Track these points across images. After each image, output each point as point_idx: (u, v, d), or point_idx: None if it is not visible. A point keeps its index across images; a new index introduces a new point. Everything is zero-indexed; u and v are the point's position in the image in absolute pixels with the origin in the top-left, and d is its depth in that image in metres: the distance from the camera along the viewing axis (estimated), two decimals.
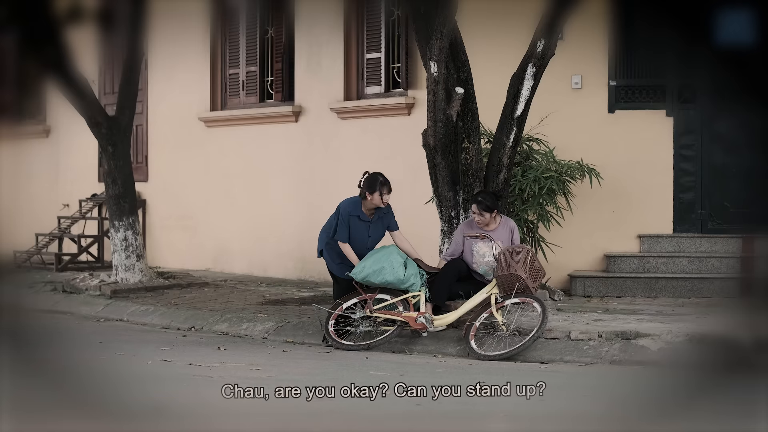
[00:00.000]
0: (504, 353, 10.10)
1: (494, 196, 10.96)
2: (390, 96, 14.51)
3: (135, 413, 7.10)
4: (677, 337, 9.87)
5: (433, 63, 11.06)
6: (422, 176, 12.04)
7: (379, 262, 10.59)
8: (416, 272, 10.69)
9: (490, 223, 10.80)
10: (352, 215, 10.84)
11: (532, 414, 7.43)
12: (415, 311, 10.63)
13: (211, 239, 16.64)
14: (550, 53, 11.41)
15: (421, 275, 10.72)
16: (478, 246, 10.83)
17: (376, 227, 10.89)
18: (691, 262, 13.14)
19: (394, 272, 10.57)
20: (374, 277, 10.58)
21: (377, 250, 10.77)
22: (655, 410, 6.57)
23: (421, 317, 10.58)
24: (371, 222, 10.87)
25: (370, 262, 10.61)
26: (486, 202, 10.78)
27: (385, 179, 10.80)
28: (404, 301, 10.70)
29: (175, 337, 11.46)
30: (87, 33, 12.96)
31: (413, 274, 10.66)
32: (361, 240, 10.83)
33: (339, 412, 7.36)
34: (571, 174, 12.84)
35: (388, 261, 10.58)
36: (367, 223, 10.85)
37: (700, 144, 13.47)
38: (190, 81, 16.87)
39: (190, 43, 16.65)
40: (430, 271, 10.82)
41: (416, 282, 10.66)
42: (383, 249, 10.72)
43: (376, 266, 10.57)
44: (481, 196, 10.87)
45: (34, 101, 18.86)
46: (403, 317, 10.62)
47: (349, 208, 10.86)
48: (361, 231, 10.84)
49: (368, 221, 10.86)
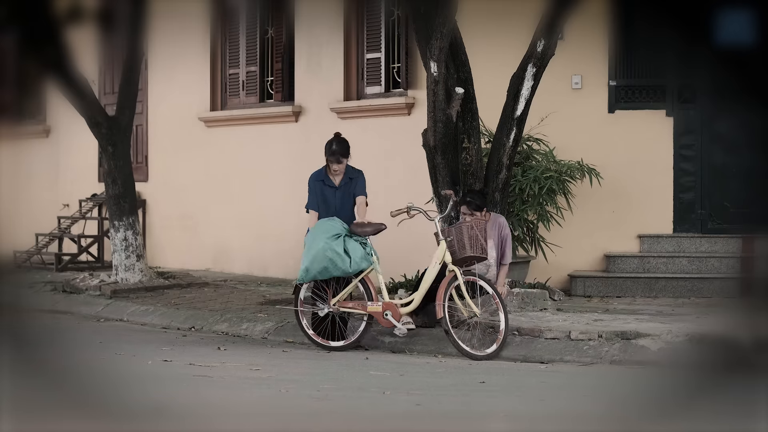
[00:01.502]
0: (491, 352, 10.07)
1: (482, 194, 10.97)
2: (390, 96, 14.52)
3: (135, 413, 7.10)
4: (677, 337, 9.87)
5: (433, 63, 11.06)
6: (422, 176, 12.05)
7: (320, 261, 10.25)
8: (360, 251, 10.32)
9: (481, 221, 10.81)
10: (317, 181, 10.78)
11: (532, 414, 7.44)
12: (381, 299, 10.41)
13: (211, 239, 16.64)
14: (550, 53, 11.42)
15: (363, 244, 10.40)
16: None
17: (343, 193, 10.72)
18: (691, 262, 13.14)
19: (337, 267, 10.24)
20: (322, 276, 10.34)
21: (312, 241, 10.35)
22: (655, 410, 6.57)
23: (388, 313, 10.40)
24: (337, 188, 10.77)
25: (312, 263, 10.28)
26: (476, 201, 10.80)
27: (339, 148, 10.61)
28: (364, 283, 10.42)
29: (175, 337, 11.46)
30: (87, 33, 12.97)
31: (359, 257, 10.31)
32: (330, 206, 10.70)
33: (339, 412, 7.37)
34: (571, 174, 12.85)
35: (328, 258, 10.22)
36: (333, 189, 10.72)
37: (700, 144, 13.48)
38: (190, 81, 16.87)
39: (190, 43, 16.65)
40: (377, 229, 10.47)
41: (363, 262, 10.35)
42: (315, 240, 10.32)
43: (319, 266, 10.27)
44: (470, 197, 10.87)
45: (34, 101, 18.86)
46: (369, 311, 10.37)
47: (314, 175, 10.82)
48: (328, 197, 10.74)
49: (334, 186, 10.75)
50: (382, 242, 10.96)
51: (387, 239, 11.04)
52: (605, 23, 13.30)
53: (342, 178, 10.75)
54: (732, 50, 10.20)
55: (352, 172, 10.79)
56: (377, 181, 14.03)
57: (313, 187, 10.79)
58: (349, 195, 10.73)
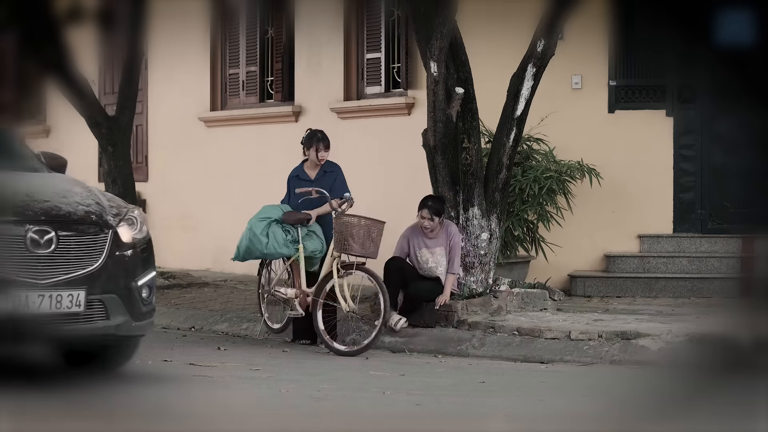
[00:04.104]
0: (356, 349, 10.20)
1: (441, 200, 11.04)
2: (390, 96, 14.51)
3: (135, 413, 7.10)
4: (677, 337, 9.87)
5: (433, 63, 11.06)
6: (422, 176, 12.04)
7: (243, 241, 10.67)
8: (281, 237, 10.54)
9: (436, 228, 10.84)
10: (292, 177, 10.94)
11: (532, 414, 7.44)
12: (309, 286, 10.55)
13: (211, 239, 16.63)
14: (550, 53, 11.41)
15: (286, 231, 10.60)
16: (422, 252, 10.86)
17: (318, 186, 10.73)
18: (691, 262, 13.14)
19: (255, 248, 10.61)
20: (248, 255, 10.72)
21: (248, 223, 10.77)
22: (654, 410, 6.57)
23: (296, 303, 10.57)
24: (313, 181, 10.80)
25: (240, 242, 10.71)
26: (436, 206, 10.86)
27: (323, 136, 10.90)
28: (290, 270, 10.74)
29: (175, 337, 11.46)
30: (87, 33, 12.97)
31: (279, 243, 10.53)
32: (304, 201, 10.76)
33: (339, 412, 7.37)
34: (571, 174, 12.85)
35: (248, 238, 10.62)
36: (308, 183, 10.79)
37: (700, 144, 13.48)
38: (190, 81, 16.86)
39: (190, 43, 16.64)
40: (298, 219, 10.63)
41: (284, 248, 10.56)
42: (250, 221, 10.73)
43: (243, 246, 10.66)
44: (431, 201, 10.95)
45: (34, 101, 18.86)
46: (287, 296, 10.65)
47: (292, 171, 10.99)
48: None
49: (309, 180, 10.81)
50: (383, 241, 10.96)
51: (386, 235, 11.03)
52: (605, 23, 13.29)
53: (317, 172, 10.89)
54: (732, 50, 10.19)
55: (327, 166, 10.96)
56: (377, 181, 14.04)
57: (288, 183, 10.98)
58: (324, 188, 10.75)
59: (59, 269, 7.64)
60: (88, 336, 7.91)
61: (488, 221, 11.47)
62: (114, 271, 7.91)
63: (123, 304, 7.93)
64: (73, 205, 7.95)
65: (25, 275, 7.50)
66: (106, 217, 8.01)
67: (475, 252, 11.40)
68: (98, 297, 7.80)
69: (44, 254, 7.58)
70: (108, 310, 7.85)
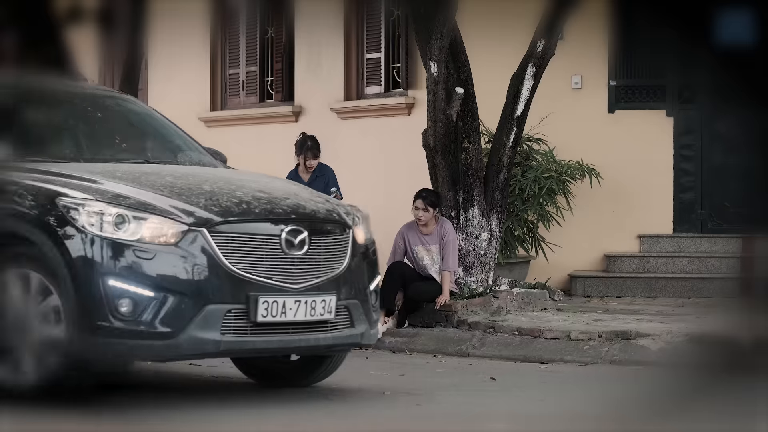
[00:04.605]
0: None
1: (437, 194, 11.03)
2: (390, 96, 14.52)
3: (135, 413, 7.10)
4: (677, 337, 9.87)
5: (433, 63, 11.07)
6: (422, 176, 12.04)
7: None
8: None
9: (429, 223, 10.85)
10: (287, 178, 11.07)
11: (532, 414, 7.44)
12: None
13: None
14: (550, 53, 11.42)
15: None
16: (418, 249, 10.87)
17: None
18: (691, 262, 13.14)
19: None
20: None
21: None
22: (654, 410, 6.57)
23: None
24: (306, 185, 10.85)
25: None
26: (431, 197, 10.87)
27: (313, 144, 11.04)
28: None
29: None
30: (87, 33, 12.96)
31: None
32: None
33: (339, 412, 7.36)
34: (571, 174, 12.85)
35: None
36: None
37: (700, 144, 13.48)
38: (190, 81, 16.86)
39: (190, 43, 16.63)
40: None
41: None
42: None
43: None
44: (425, 192, 10.99)
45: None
46: None
47: (287, 175, 11.20)
48: None
49: (304, 183, 10.88)
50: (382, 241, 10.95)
51: (386, 235, 11.03)
52: (605, 23, 13.29)
53: (310, 176, 11.21)
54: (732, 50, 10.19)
55: (319, 170, 11.28)
56: (377, 181, 14.05)
57: None
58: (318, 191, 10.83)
59: (312, 272, 7.17)
60: (333, 345, 7.42)
61: (488, 221, 11.48)
62: (354, 275, 7.42)
63: (363, 311, 7.44)
64: (312, 203, 7.49)
65: (279, 279, 7.05)
66: (344, 216, 7.55)
67: (475, 252, 11.40)
68: (344, 303, 7.32)
69: (298, 256, 7.11)
70: (352, 317, 7.37)
